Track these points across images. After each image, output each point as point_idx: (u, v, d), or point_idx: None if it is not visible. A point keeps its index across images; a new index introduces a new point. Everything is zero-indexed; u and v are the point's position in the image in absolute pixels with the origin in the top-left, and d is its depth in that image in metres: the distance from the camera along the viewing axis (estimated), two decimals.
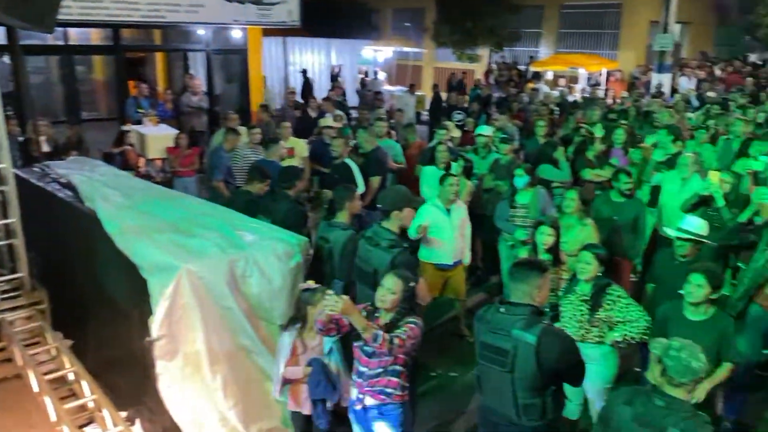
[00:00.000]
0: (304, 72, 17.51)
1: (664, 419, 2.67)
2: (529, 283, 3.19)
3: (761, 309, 4.59)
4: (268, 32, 15.00)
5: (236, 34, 13.79)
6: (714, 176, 5.88)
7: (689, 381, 2.68)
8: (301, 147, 8.37)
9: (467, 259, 6.14)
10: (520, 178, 6.25)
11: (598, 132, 8.07)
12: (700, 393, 3.87)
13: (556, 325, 4.44)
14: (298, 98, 13.58)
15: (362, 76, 19.71)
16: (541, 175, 7.35)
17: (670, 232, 4.88)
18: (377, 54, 21.31)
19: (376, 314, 3.54)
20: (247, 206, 5.28)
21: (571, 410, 4.53)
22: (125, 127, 10.11)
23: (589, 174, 7.47)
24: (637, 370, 5.16)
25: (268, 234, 4.37)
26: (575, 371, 3.26)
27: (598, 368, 4.24)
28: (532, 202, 6.24)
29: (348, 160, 7.03)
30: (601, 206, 6.27)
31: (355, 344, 3.54)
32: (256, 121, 8.95)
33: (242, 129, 8.36)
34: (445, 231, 5.80)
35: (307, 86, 16.28)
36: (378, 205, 4.42)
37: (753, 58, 21.19)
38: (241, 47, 13.97)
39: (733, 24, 21.69)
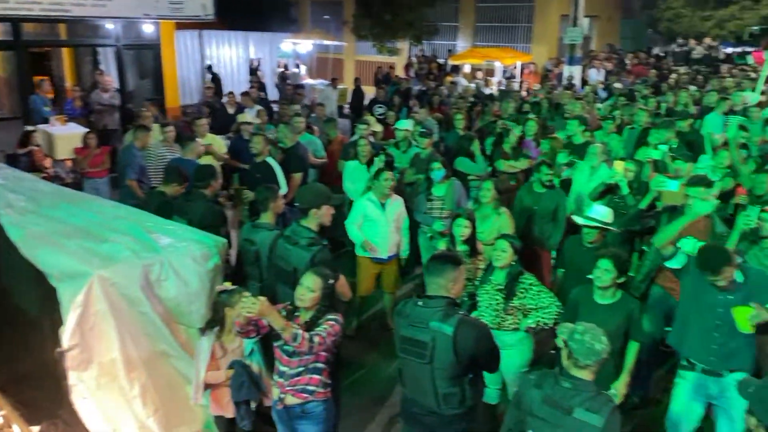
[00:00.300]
0: (210, 68, 17.04)
1: (571, 400, 2.82)
2: (444, 276, 3.29)
3: (662, 289, 4.90)
4: (183, 26, 14.59)
5: (148, 28, 13.31)
6: (618, 165, 6.20)
7: (593, 362, 2.85)
8: (219, 144, 8.21)
9: (405, 252, 6.20)
10: (437, 171, 6.38)
11: (518, 131, 8.35)
12: (622, 388, 4.10)
13: (474, 314, 4.62)
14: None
15: (282, 69, 19.48)
16: (458, 167, 7.53)
17: (578, 219, 5.12)
18: (297, 47, 21.09)
19: (296, 313, 3.55)
20: (162, 208, 5.14)
21: (491, 395, 4.69)
22: (30, 127, 9.59)
23: (503, 165, 7.71)
24: (553, 352, 5.40)
25: (184, 236, 4.27)
26: (491, 358, 3.39)
27: (514, 354, 4.42)
28: (448, 194, 6.40)
29: (270, 159, 6.93)
30: (523, 197, 6.49)
31: (275, 344, 3.54)
32: (145, 119, 8.62)
33: (155, 126, 8.10)
34: (379, 226, 5.89)
35: (216, 82, 15.81)
36: (295, 204, 4.40)
37: (656, 50, 22.44)
38: (153, 42, 13.51)
39: (637, 18, 22.86)
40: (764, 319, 3.53)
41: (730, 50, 22.05)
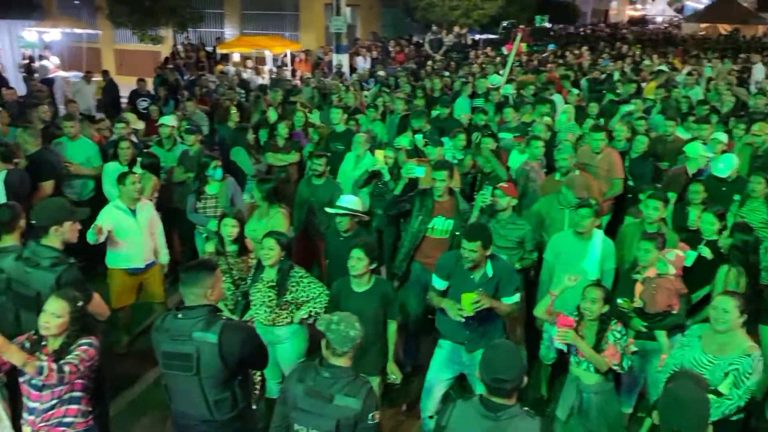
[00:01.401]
0: None
1: (331, 388, 2.98)
2: (201, 285, 3.23)
3: (421, 265, 5.33)
4: None
5: None
6: (378, 153, 6.57)
7: (350, 349, 3.03)
8: None
9: (164, 257, 5.91)
10: (217, 171, 6.23)
11: (272, 116, 8.41)
12: (395, 370, 4.40)
13: (249, 313, 4.64)
14: None
15: (26, 61, 17.35)
16: (234, 158, 7.42)
17: (329, 210, 5.33)
18: (43, 36, 18.90)
19: (44, 342, 3.25)
20: None
21: (271, 389, 4.77)
22: None
23: (271, 158, 7.76)
24: None
25: None
26: (258, 356, 3.44)
27: (290, 346, 4.56)
28: (221, 192, 6.28)
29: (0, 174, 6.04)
30: (302, 189, 6.59)
31: (21, 380, 3.21)
32: None
33: None
34: (132, 233, 5.53)
35: None
36: (32, 221, 3.97)
37: (416, 38, 24.06)
38: None
39: (396, 7, 24.30)
40: (484, 306, 4.06)
41: (477, 37, 24.49)
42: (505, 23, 23.49)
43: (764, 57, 17.13)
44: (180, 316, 3.23)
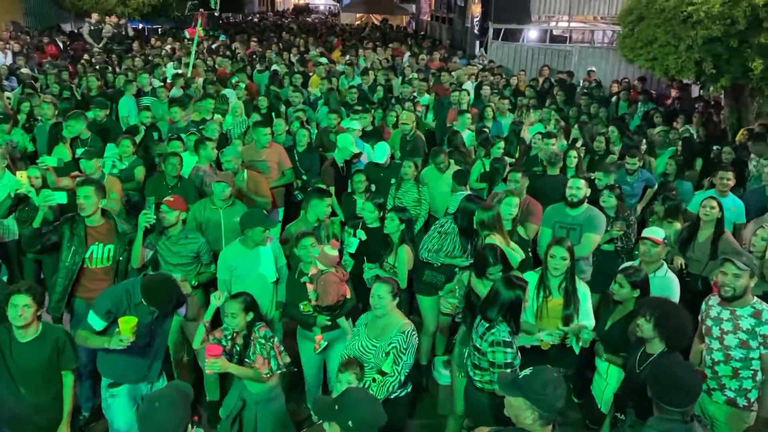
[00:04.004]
0: None
1: None
2: None
3: (84, 302, 4.70)
4: None
5: None
6: (21, 174, 5.64)
7: None
8: None
9: None
10: None
11: None
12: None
13: None
14: None
15: None
16: None
17: None
18: None
19: None
20: None
21: None
22: None
23: None
24: None
25: None
26: None
27: None
28: None
29: None
30: None
31: None
32: None
33: None
34: None
35: None
36: None
37: (71, 28, 21.51)
38: None
39: None
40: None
41: (141, 26, 22.92)
42: (189, 3, 22.20)
43: (410, 46, 19.32)
44: None
